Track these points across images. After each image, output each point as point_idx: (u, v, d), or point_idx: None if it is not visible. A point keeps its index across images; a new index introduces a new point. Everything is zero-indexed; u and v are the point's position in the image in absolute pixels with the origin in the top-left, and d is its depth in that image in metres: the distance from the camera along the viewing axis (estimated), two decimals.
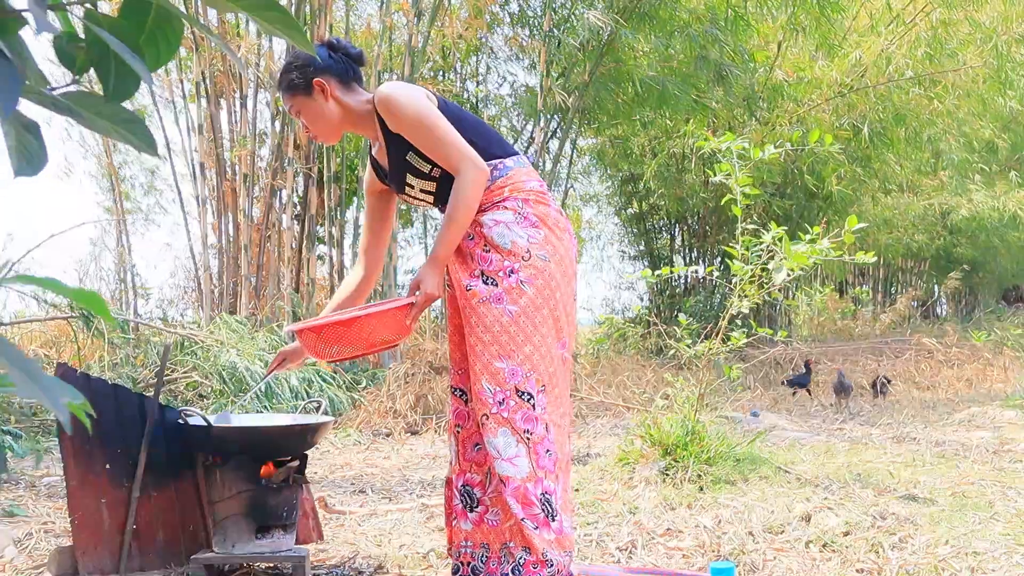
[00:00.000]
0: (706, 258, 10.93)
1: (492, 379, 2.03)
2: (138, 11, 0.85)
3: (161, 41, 0.87)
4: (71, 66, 0.86)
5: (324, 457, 4.83)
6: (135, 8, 0.85)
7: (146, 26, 0.86)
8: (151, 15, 0.85)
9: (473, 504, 2.12)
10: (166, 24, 0.86)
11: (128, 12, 0.85)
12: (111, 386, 2.43)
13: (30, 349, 6.05)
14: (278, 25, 0.87)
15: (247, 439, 2.41)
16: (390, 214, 2.46)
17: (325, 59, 2.17)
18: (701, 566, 2.55)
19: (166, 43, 0.87)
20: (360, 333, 2.01)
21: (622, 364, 7.92)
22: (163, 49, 0.87)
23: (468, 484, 2.14)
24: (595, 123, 9.20)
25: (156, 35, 0.86)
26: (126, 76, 0.85)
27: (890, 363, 9.63)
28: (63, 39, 0.85)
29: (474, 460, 2.15)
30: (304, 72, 2.14)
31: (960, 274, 13.60)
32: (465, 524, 2.13)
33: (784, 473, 3.67)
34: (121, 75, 0.85)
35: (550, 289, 2.10)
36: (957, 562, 2.46)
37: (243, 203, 7.15)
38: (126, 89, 0.86)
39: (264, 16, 0.86)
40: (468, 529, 2.12)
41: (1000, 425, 5.59)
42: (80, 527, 2.31)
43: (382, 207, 2.43)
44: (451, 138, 2.08)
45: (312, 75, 2.15)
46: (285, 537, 2.42)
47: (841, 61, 8.43)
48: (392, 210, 2.46)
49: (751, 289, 3.68)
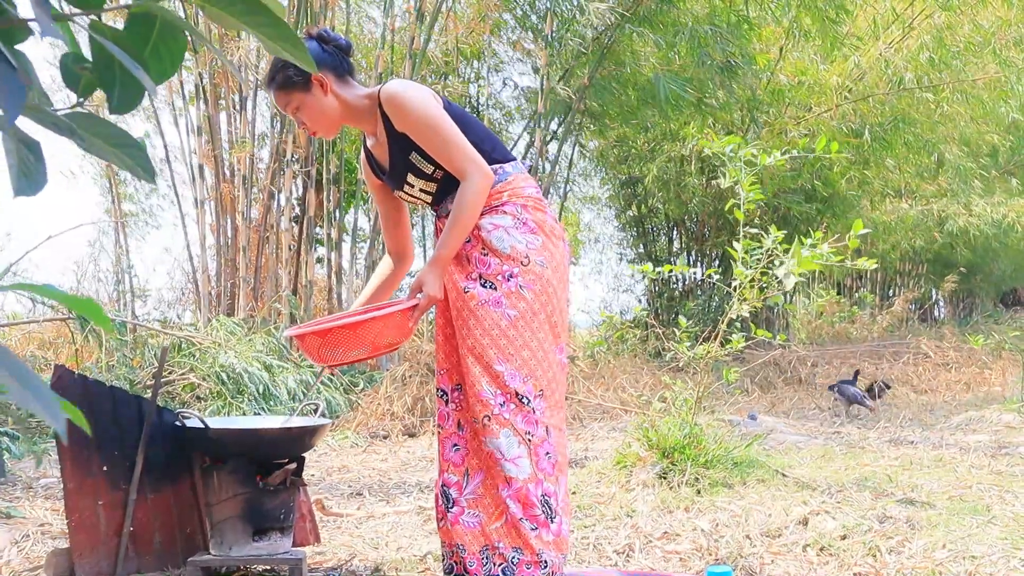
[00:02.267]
0: (705, 261, 10.93)
1: (493, 381, 2.04)
2: (143, 24, 0.85)
3: (165, 54, 0.87)
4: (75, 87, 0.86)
5: (321, 459, 4.82)
6: (140, 21, 0.85)
7: (151, 39, 0.85)
8: (156, 28, 0.85)
9: (449, 505, 2.13)
10: (171, 37, 0.86)
11: (133, 25, 0.85)
12: (108, 388, 2.42)
13: (27, 350, 6.04)
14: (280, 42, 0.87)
15: (244, 441, 2.41)
16: (401, 205, 2.43)
17: (318, 52, 2.14)
18: (698, 570, 2.54)
19: (170, 56, 0.87)
20: (365, 336, 2.01)
21: (620, 366, 7.92)
22: (167, 62, 0.87)
23: (446, 485, 2.16)
24: (596, 126, 9.21)
25: (160, 48, 0.86)
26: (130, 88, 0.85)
27: (888, 366, 9.64)
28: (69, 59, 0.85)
29: (451, 461, 2.16)
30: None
31: (958, 277, 13.61)
32: (445, 524, 2.14)
33: (782, 476, 3.67)
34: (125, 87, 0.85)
35: (547, 295, 2.11)
36: (955, 566, 2.46)
37: (241, 205, 7.15)
38: (130, 101, 0.86)
39: (265, 32, 0.86)
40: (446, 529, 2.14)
41: (998, 428, 5.59)
42: (77, 529, 2.31)
43: (389, 199, 2.40)
44: (458, 141, 2.08)
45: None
46: (282, 540, 2.42)
47: (842, 65, 8.44)
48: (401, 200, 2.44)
49: (751, 293, 3.68)
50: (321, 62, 2.13)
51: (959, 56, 8.17)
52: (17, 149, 0.77)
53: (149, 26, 0.85)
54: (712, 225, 10.56)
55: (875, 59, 8.18)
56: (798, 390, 8.57)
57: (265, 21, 0.85)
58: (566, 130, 8.51)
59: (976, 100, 8.74)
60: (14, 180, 0.77)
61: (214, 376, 5.44)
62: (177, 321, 7.74)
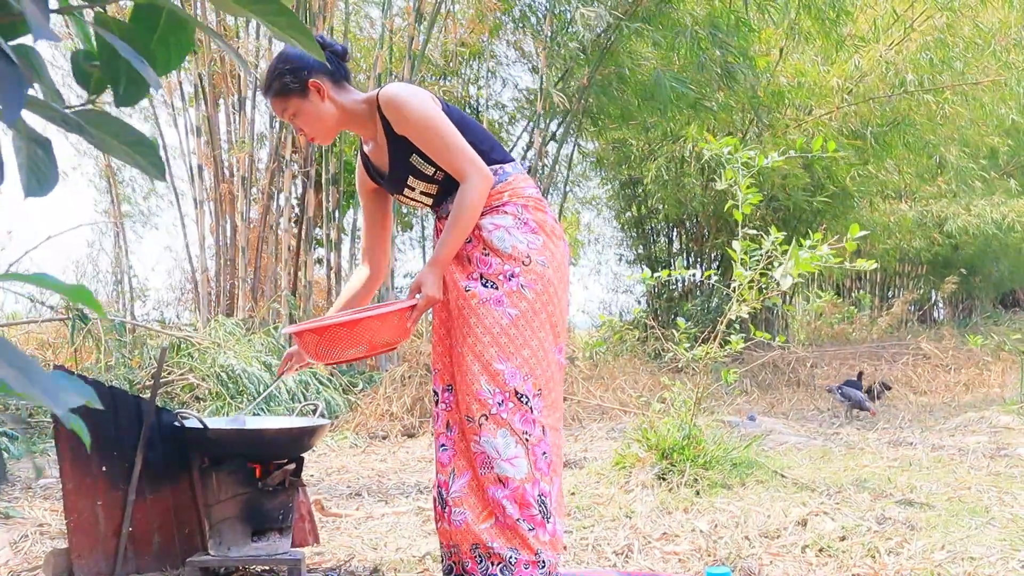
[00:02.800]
0: (704, 262, 10.93)
1: (492, 380, 2.05)
2: (149, 16, 0.85)
3: (172, 46, 0.87)
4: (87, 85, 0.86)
5: (320, 460, 4.82)
6: (146, 13, 0.85)
7: (157, 31, 0.85)
8: (162, 20, 0.85)
9: (443, 505, 2.15)
10: (178, 29, 0.86)
11: (139, 17, 0.85)
12: (107, 388, 2.42)
13: (26, 351, 6.03)
14: (288, 31, 0.87)
15: (243, 442, 2.41)
16: (388, 212, 2.44)
17: (315, 59, 2.14)
18: (697, 571, 2.54)
19: (177, 48, 0.87)
20: (362, 335, 2.01)
21: (619, 367, 7.92)
22: (174, 54, 0.87)
23: (440, 486, 2.17)
24: (596, 126, 9.21)
25: (167, 40, 0.86)
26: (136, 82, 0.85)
27: (887, 367, 9.64)
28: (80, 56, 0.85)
29: (440, 461, 2.17)
30: (297, 74, 2.11)
31: (957, 278, 13.60)
32: (443, 524, 2.16)
33: (781, 477, 3.67)
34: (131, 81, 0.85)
35: (548, 295, 2.12)
36: (953, 567, 2.46)
37: (241, 205, 7.15)
38: (136, 94, 0.86)
39: (274, 21, 0.85)
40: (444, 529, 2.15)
41: (997, 430, 5.58)
42: (76, 529, 2.31)
43: (378, 206, 2.41)
44: (458, 143, 2.09)
45: (306, 76, 2.11)
46: (281, 540, 2.42)
47: (842, 66, 8.44)
48: (389, 208, 2.45)
49: (750, 294, 3.68)
50: (318, 67, 2.12)
51: (960, 57, 8.18)
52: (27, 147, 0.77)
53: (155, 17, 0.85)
54: (712, 226, 10.56)
55: (876, 61, 8.18)
56: (797, 391, 8.57)
57: (272, 9, 0.84)
58: (565, 131, 8.51)
59: (976, 102, 8.74)
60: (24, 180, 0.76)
61: (213, 376, 5.44)
62: (176, 321, 7.74)
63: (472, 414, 2.06)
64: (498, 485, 2.04)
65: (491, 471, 2.05)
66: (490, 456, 2.04)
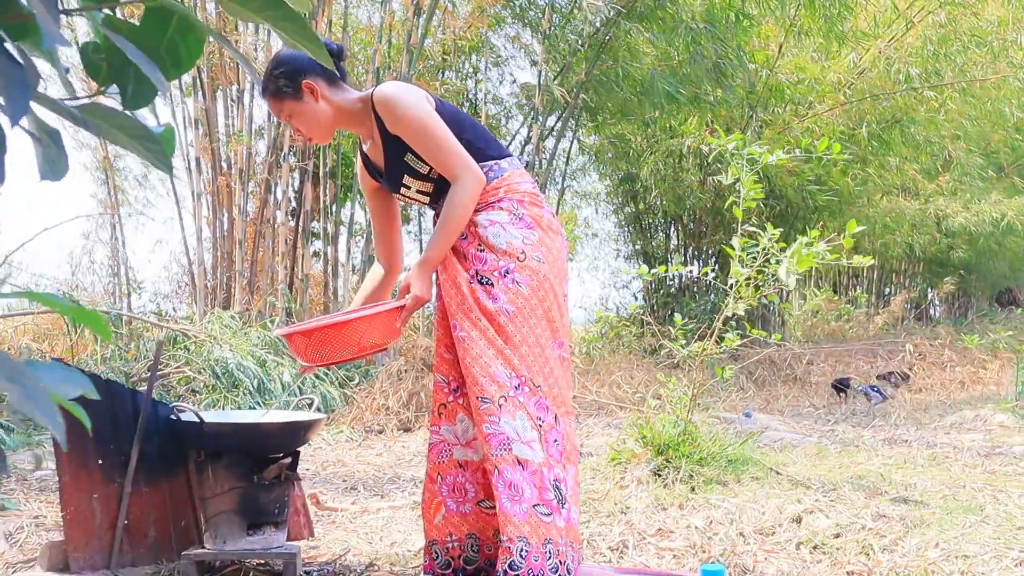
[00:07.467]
0: (702, 258, 10.93)
1: (507, 364, 2.05)
2: (159, 19, 0.85)
3: (182, 50, 0.86)
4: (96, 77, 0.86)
5: (316, 454, 4.82)
6: (156, 16, 0.85)
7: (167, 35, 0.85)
8: (172, 23, 0.85)
9: None
10: (189, 32, 0.86)
11: (149, 20, 0.85)
12: (104, 381, 2.42)
13: (22, 342, 6.02)
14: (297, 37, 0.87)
15: (239, 435, 2.41)
16: (394, 209, 2.45)
17: (308, 58, 2.14)
18: (692, 567, 2.55)
19: (187, 52, 0.87)
20: (351, 336, 2.02)
21: (615, 363, 7.93)
22: (184, 58, 0.87)
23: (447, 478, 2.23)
24: (594, 121, 9.20)
25: (177, 43, 0.86)
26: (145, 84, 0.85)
27: (883, 365, 9.66)
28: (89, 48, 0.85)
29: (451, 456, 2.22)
30: (291, 76, 2.12)
31: (954, 277, 13.62)
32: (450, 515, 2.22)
33: (776, 474, 3.68)
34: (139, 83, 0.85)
35: (544, 290, 2.11)
36: (947, 565, 2.47)
37: (238, 198, 7.14)
38: (144, 97, 0.86)
39: (282, 27, 0.85)
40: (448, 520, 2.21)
41: (992, 428, 5.60)
42: (72, 522, 2.31)
43: (383, 203, 2.42)
44: (450, 144, 2.09)
45: (300, 78, 2.12)
46: (276, 534, 2.42)
47: (842, 62, 8.44)
48: (395, 204, 2.45)
49: (747, 292, 3.68)
50: (311, 68, 2.13)
51: (961, 53, 8.17)
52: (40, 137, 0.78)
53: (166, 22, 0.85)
54: (709, 222, 10.56)
55: (876, 56, 8.17)
56: (793, 388, 8.59)
57: (283, 15, 0.84)
58: (564, 126, 8.51)
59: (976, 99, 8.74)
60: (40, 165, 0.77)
61: (209, 370, 5.44)
62: (173, 314, 7.73)
63: (490, 395, 2.02)
64: (517, 467, 2.00)
65: (509, 452, 2.00)
66: (509, 437, 2.00)
